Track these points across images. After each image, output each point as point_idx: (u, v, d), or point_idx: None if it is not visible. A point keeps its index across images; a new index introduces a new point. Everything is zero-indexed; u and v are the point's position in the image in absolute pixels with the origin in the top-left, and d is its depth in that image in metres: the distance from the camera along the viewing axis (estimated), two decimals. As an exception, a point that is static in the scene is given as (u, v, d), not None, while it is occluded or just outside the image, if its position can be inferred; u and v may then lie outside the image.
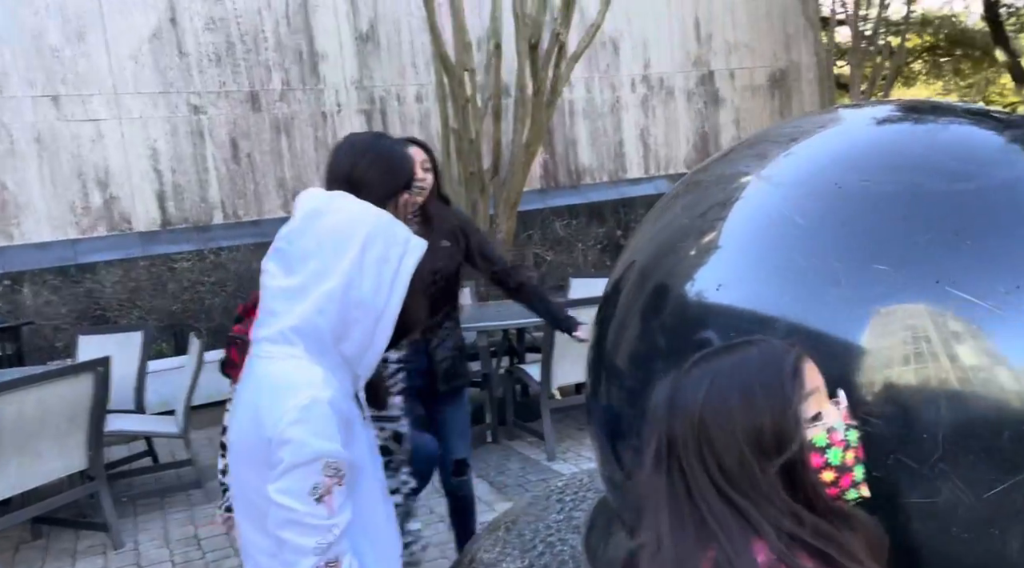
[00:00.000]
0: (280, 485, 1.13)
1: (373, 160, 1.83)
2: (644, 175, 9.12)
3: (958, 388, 1.31)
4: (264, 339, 1.21)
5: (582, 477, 2.27)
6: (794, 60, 9.68)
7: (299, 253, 1.21)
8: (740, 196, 1.69)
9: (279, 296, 1.21)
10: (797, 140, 1.78)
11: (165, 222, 7.00)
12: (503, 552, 1.84)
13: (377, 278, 1.21)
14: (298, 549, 1.14)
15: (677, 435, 0.95)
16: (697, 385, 0.98)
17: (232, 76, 7.30)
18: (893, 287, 1.38)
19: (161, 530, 3.81)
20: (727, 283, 1.57)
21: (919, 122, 1.74)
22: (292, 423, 1.13)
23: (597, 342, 1.84)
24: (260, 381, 1.19)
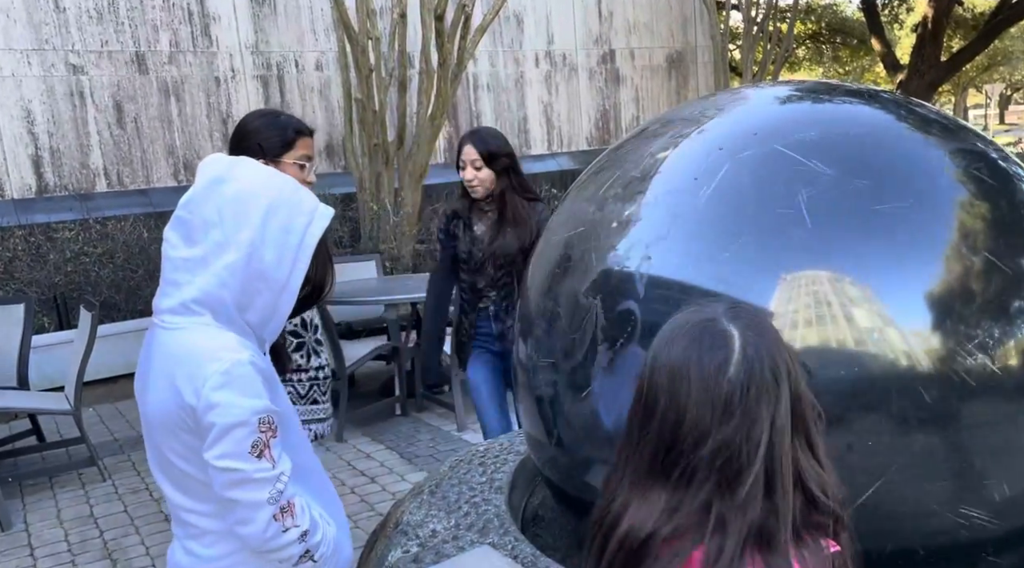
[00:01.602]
0: (218, 450, 1.14)
1: (263, 116, 1.99)
2: (547, 151, 9.25)
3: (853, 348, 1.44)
4: (167, 310, 1.21)
5: (502, 441, 2.34)
6: (691, 42, 10.02)
7: (200, 222, 1.19)
8: (657, 171, 1.78)
9: (180, 267, 1.20)
10: (707, 117, 1.89)
11: (42, 189, 6.55)
12: (429, 514, 1.89)
13: (280, 248, 1.20)
14: (252, 505, 1.16)
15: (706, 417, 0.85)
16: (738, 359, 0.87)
17: (115, 35, 6.86)
18: (795, 254, 1.50)
19: (53, 510, 3.63)
20: (645, 254, 1.66)
21: (817, 100, 1.88)
22: (216, 388, 1.13)
23: (524, 311, 1.90)
24: (171, 351, 1.18)
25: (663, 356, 0.90)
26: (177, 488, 1.23)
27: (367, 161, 6.95)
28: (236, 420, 1.14)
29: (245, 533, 1.18)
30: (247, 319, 1.21)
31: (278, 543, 1.19)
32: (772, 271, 1.51)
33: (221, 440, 1.14)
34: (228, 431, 1.14)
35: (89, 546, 3.27)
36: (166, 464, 1.23)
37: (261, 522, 1.16)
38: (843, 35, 14.78)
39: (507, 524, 1.77)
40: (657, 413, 0.87)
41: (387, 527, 1.94)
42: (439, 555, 1.67)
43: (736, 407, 0.84)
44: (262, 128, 2.06)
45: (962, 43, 13.43)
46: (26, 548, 3.28)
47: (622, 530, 0.87)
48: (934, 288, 1.48)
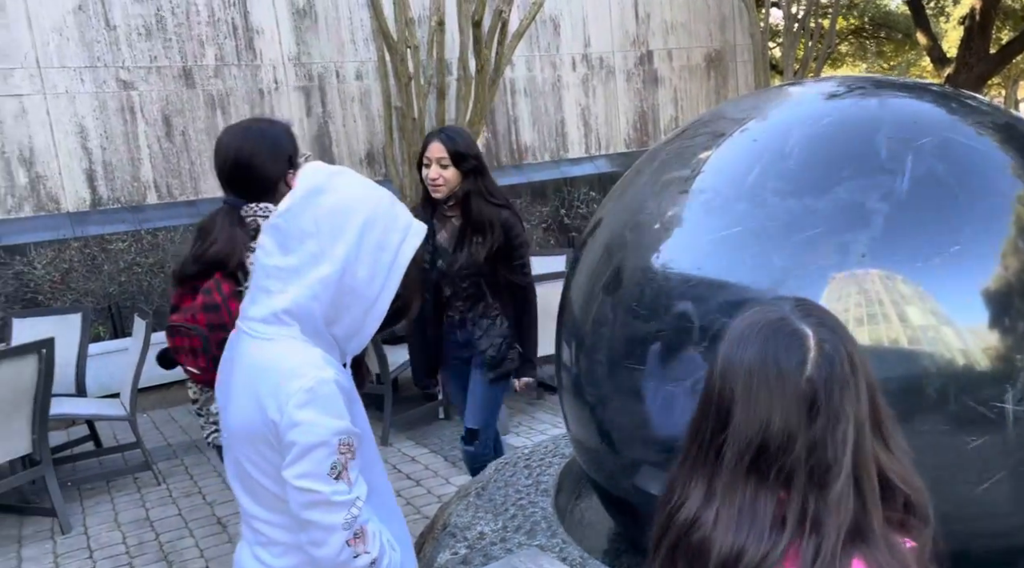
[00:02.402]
0: (298, 470, 1.13)
1: (262, 151, 1.89)
2: (585, 154, 9.23)
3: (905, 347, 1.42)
4: (255, 318, 1.20)
5: (546, 443, 2.35)
6: (729, 41, 9.91)
7: (296, 232, 1.18)
8: (701, 170, 1.78)
9: (273, 275, 1.19)
10: (750, 117, 1.87)
11: (96, 202, 6.75)
12: (476, 516, 1.90)
13: (373, 265, 1.19)
14: (327, 528, 1.15)
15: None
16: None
17: (164, 51, 7.04)
18: (845, 254, 1.48)
19: (110, 513, 3.74)
20: (693, 256, 1.66)
21: (864, 95, 1.85)
22: (300, 406, 1.13)
23: (565, 315, 1.91)
24: (257, 363, 1.17)
25: (735, 359, 0.87)
26: (251, 497, 1.23)
27: (407, 168, 7.02)
28: (317, 440, 1.13)
29: (318, 555, 1.17)
30: (333, 332, 1.21)
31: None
32: (826, 272, 1.50)
33: (301, 459, 1.13)
34: (309, 451, 1.13)
35: (146, 548, 3.37)
36: (243, 472, 1.22)
37: (335, 546, 1.16)
38: (887, 29, 14.46)
39: (554, 526, 1.78)
40: (734, 418, 0.85)
41: (435, 529, 1.96)
42: (487, 557, 1.68)
43: (821, 405, 0.83)
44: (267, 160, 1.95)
45: (1012, 34, 13.03)
46: (86, 551, 3.38)
47: (703, 537, 0.85)
48: (992, 285, 1.45)
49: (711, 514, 0.85)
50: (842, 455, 0.82)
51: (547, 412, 4.78)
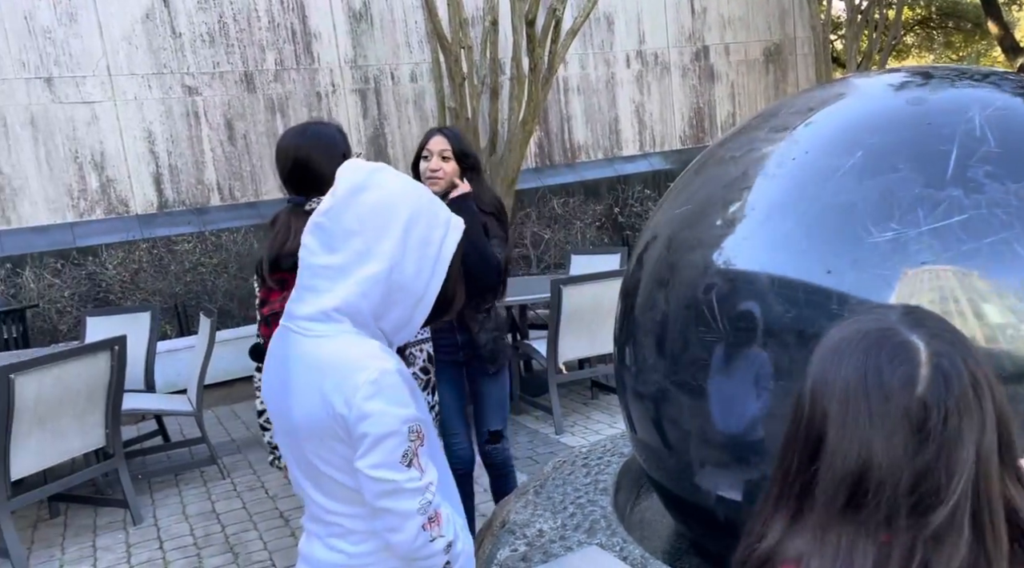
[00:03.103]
0: (371, 460, 1.15)
1: (320, 151, 1.96)
2: (639, 152, 9.15)
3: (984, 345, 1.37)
4: (304, 317, 1.21)
5: (604, 442, 2.34)
6: (788, 34, 9.69)
7: (341, 230, 1.19)
8: (763, 166, 1.74)
9: (319, 273, 1.21)
10: (815, 109, 1.82)
11: (162, 204, 6.99)
12: (535, 513, 1.91)
13: (419, 260, 1.21)
14: (403, 514, 1.17)
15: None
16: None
17: (226, 56, 7.25)
18: (918, 250, 1.43)
19: (178, 505, 3.87)
20: (754, 252, 1.63)
21: (935, 88, 1.79)
22: (368, 398, 1.14)
23: (624, 314, 1.89)
24: (318, 360, 1.19)
25: (829, 376, 0.75)
26: (322, 492, 1.25)
27: (461, 168, 7.08)
28: (388, 430, 1.15)
29: (395, 541, 1.19)
30: (381, 326, 1.23)
31: (426, 552, 1.20)
32: (895, 269, 1.45)
33: (373, 450, 1.15)
34: (380, 441, 1.15)
35: (212, 540, 3.47)
36: (311, 469, 1.23)
37: (411, 531, 1.18)
38: (955, 19, 13.93)
39: (614, 525, 1.77)
40: (827, 446, 0.74)
41: (493, 526, 1.97)
42: (547, 555, 1.68)
43: (933, 430, 0.71)
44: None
45: (1091, 20, 12.40)
46: (156, 541, 3.50)
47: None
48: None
49: (794, 548, 0.75)
50: (955, 490, 0.70)
51: (602, 411, 4.75)
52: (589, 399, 5.02)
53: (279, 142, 2.04)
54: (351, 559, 1.24)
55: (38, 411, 3.23)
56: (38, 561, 3.38)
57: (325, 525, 1.27)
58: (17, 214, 6.42)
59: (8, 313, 5.16)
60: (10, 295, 5.91)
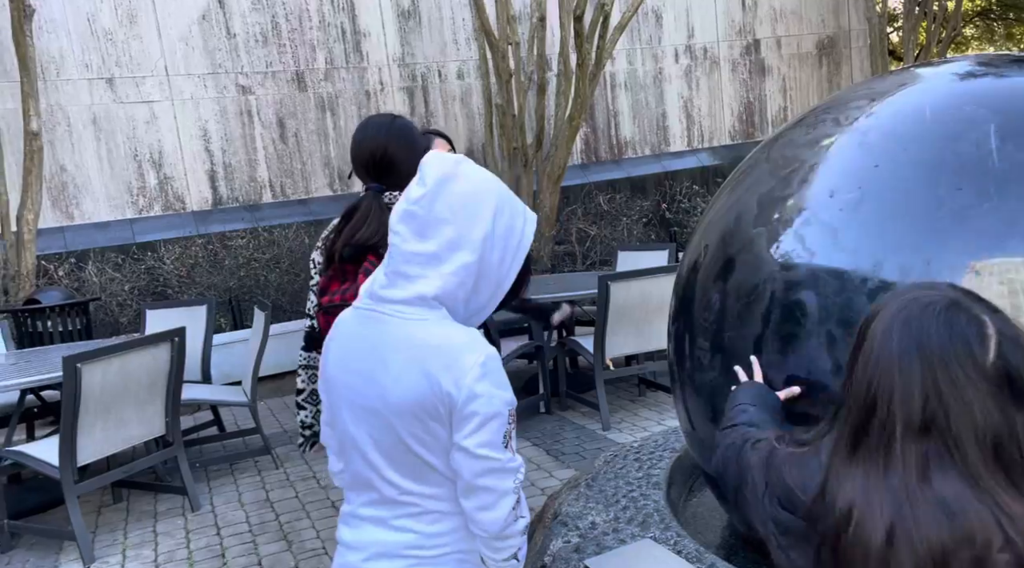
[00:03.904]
0: (478, 439, 1.20)
1: (401, 143, 2.00)
2: (687, 148, 9.05)
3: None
4: (399, 301, 1.25)
5: (656, 438, 2.33)
6: (843, 27, 9.48)
7: (433, 219, 1.23)
8: (821, 159, 1.72)
9: (411, 260, 1.24)
10: (876, 100, 1.79)
11: (216, 201, 7.17)
12: (587, 506, 1.91)
13: (504, 248, 1.26)
14: (501, 492, 1.22)
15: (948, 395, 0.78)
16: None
17: (278, 56, 7.39)
18: (991, 240, 1.40)
19: (234, 494, 3.98)
20: (810, 243, 1.61)
21: (999, 76, 1.74)
22: (478, 379, 1.19)
23: (678, 308, 1.89)
24: (421, 340, 1.22)
25: (906, 343, 0.80)
26: (404, 473, 1.26)
27: (507, 165, 7.10)
28: (495, 410, 1.20)
29: (487, 518, 1.23)
30: (464, 312, 1.28)
31: (512, 530, 1.25)
32: (951, 262, 1.42)
33: (481, 429, 1.19)
34: (488, 421, 1.19)
35: (267, 528, 3.56)
36: (398, 448, 1.25)
37: (505, 509, 1.23)
38: (1017, 10, 13.43)
39: (667, 519, 1.76)
40: (913, 401, 0.78)
41: (544, 518, 1.98)
42: (600, 547, 1.69)
43: (1011, 388, 0.76)
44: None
45: None
46: (213, 528, 3.61)
47: (880, 536, 0.78)
48: None
49: (888, 510, 0.78)
50: None
51: (649, 409, 4.73)
52: (636, 396, 5.00)
53: (362, 132, 2.05)
54: (424, 539, 1.27)
55: (103, 400, 3.35)
56: (102, 544, 3.51)
57: (395, 506, 1.28)
58: (80, 210, 6.66)
59: (72, 306, 5.35)
60: (74, 288, 6.14)
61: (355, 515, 1.35)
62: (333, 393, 1.33)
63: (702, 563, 1.55)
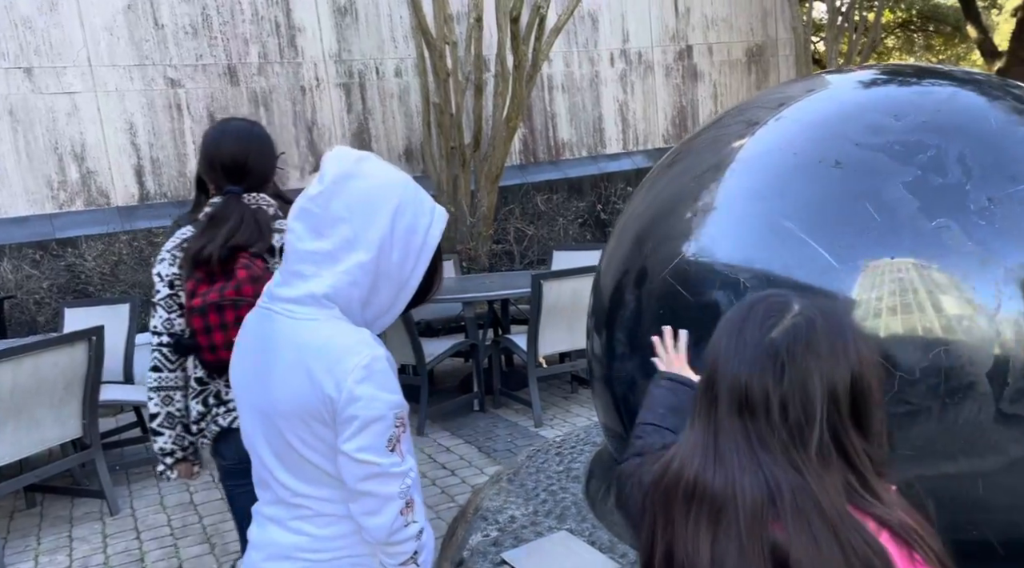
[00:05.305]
0: (358, 443, 1.17)
1: (259, 149, 2.03)
2: (623, 150, 9.20)
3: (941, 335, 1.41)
4: (291, 299, 1.23)
5: (578, 433, 2.37)
6: (771, 35, 9.78)
7: (329, 217, 1.21)
8: (733, 159, 1.78)
9: (306, 258, 1.22)
10: (785, 105, 1.86)
11: (143, 197, 6.94)
12: (507, 501, 1.93)
13: (405, 249, 1.23)
14: (384, 498, 1.20)
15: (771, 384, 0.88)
16: (791, 334, 0.90)
17: (209, 49, 7.21)
18: (878, 242, 1.47)
19: (156, 496, 3.87)
20: (722, 243, 1.66)
21: (903, 84, 1.83)
22: (359, 381, 1.17)
23: (597, 305, 1.93)
24: (306, 342, 1.20)
25: (723, 322, 0.95)
26: (294, 474, 1.25)
27: (444, 164, 7.09)
28: (376, 414, 1.17)
29: (372, 524, 1.21)
30: (364, 314, 1.25)
31: (400, 536, 1.22)
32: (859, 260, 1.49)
33: (361, 433, 1.17)
34: (368, 425, 1.17)
35: (190, 531, 3.47)
36: (286, 450, 1.24)
37: (390, 515, 1.20)
38: (936, 22, 14.10)
39: (584, 511, 1.80)
40: (719, 377, 0.91)
41: (467, 513, 2.00)
42: (518, 539, 1.71)
43: (785, 363, 0.87)
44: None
45: (1068, 26, 12.58)
46: (133, 532, 3.50)
47: (692, 483, 0.89)
48: (956, 279, 1.42)
49: (696, 464, 0.90)
50: (817, 419, 0.85)
51: (581, 405, 4.79)
52: (569, 393, 5.06)
53: (220, 135, 2.05)
54: (316, 541, 1.26)
55: (14, 401, 3.22)
56: (14, 551, 3.37)
57: (290, 508, 1.27)
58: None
59: (-15, 304, 5.12)
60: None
61: (260, 513, 1.34)
62: (235, 392, 1.32)
63: (615, 553, 1.59)
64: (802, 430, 0.86)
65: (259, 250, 1.90)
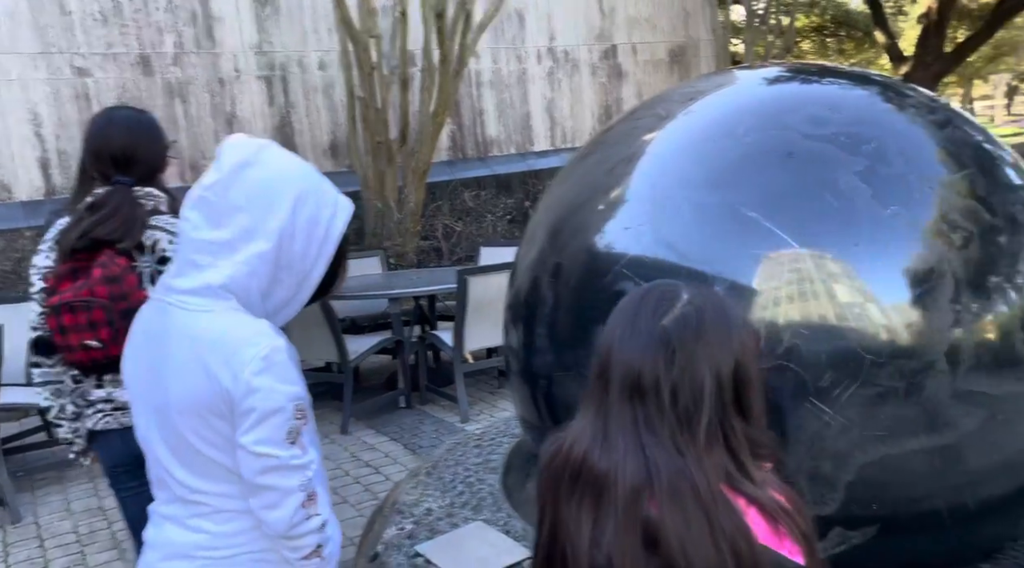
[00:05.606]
0: (256, 435, 1.15)
1: (148, 139, 1.98)
2: (551, 147, 9.27)
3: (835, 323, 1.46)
4: (187, 291, 1.19)
5: (499, 425, 2.38)
6: (692, 37, 10.02)
7: (227, 206, 1.18)
8: (643, 152, 1.81)
9: (203, 249, 1.19)
10: (695, 99, 1.91)
11: (49, 191, 6.61)
12: (424, 493, 1.92)
13: (307, 239, 1.21)
14: (284, 491, 1.17)
15: (650, 370, 0.90)
16: (681, 323, 0.92)
17: (120, 38, 6.92)
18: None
19: (62, 503, 3.69)
20: (633, 235, 1.69)
21: (806, 82, 1.89)
22: (257, 373, 1.14)
23: (514, 299, 1.93)
24: (201, 334, 1.17)
25: (616, 311, 0.97)
26: (192, 470, 1.22)
27: (370, 159, 6.99)
28: (275, 406, 1.15)
29: (272, 518, 1.19)
30: (264, 306, 1.22)
31: (301, 530, 1.20)
32: (756, 251, 1.53)
33: (259, 425, 1.15)
34: (267, 417, 1.15)
35: (97, 537, 3.33)
36: (183, 446, 1.21)
37: (290, 508, 1.18)
38: (847, 27, 14.73)
39: (500, 501, 1.80)
40: (612, 363, 0.93)
41: (384, 508, 1.98)
42: (433, 531, 1.70)
43: (676, 350, 0.90)
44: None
45: (967, 33, 13.35)
46: (36, 540, 3.33)
47: (589, 466, 0.90)
48: (914, 265, 1.49)
49: (591, 445, 0.91)
50: (705, 405, 0.88)
51: (507, 400, 4.81)
52: (496, 388, 5.07)
53: (106, 124, 1.97)
54: (215, 539, 1.23)
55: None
56: (-98, 567, 3.16)
57: (187, 505, 1.24)
58: None
59: None
60: None
61: (157, 512, 1.30)
62: (128, 389, 1.27)
63: (528, 541, 1.60)
64: (690, 415, 0.89)
65: (127, 246, 1.81)
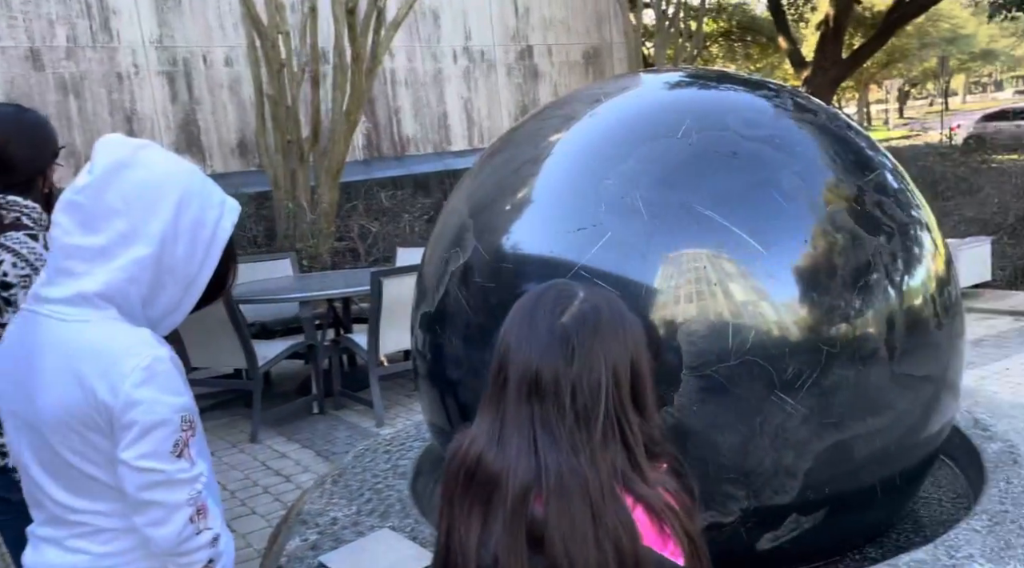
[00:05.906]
0: (138, 450, 1.09)
1: (27, 141, 1.76)
2: (468, 147, 9.25)
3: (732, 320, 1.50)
4: (59, 300, 1.13)
5: (409, 429, 2.34)
6: (605, 39, 10.19)
7: (102, 209, 1.12)
8: (549, 153, 1.81)
9: (74, 255, 1.13)
10: (601, 101, 1.92)
11: (-71, 192, 6.16)
12: (330, 502, 1.87)
13: (192, 243, 1.17)
14: (171, 506, 1.12)
15: (546, 370, 0.90)
16: (579, 320, 0.93)
17: (8, 30, 6.52)
18: (681, 234, 1.55)
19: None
20: (537, 235, 1.68)
21: (708, 87, 1.94)
22: (138, 384, 1.09)
23: (418, 302, 1.90)
24: (76, 346, 1.11)
25: (513, 310, 0.97)
26: (69, 489, 1.16)
27: (281, 158, 6.80)
28: (160, 418, 1.10)
29: (159, 535, 1.13)
30: (147, 313, 1.17)
31: (190, 546, 1.15)
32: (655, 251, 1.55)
33: (142, 439, 1.09)
34: (150, 430, 1.10)
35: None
36: (58, 464, 1.15)
37: (178, 523, 1.13)
38: (753, 33, 15.31)
39: (408, 508, 1.77)
40: (510, 362, 0.93)
41: (288, 519, 1.92)
42: (338, 541, 1.65)
43: (575, 349, 0.90)
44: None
45: (862, 41, 14.08)
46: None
47: (488, 468, 0.89)
48: (799, 263, 1.54)
49: (490, 446, 0.90)
50: (599, 399, 0.89)
51: (425, 403, 4.76)
52: (412, 391, 5.01)
53: None
54: (96, 560, 1.16)
55: None
56: None
57: (66, 526, 1.17)
58: None
59: None
60: None
61: (35, 534, 1.21)
62: (1, 403, 1.19)
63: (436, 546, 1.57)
64: (588, 412, 0.89)
65: None
